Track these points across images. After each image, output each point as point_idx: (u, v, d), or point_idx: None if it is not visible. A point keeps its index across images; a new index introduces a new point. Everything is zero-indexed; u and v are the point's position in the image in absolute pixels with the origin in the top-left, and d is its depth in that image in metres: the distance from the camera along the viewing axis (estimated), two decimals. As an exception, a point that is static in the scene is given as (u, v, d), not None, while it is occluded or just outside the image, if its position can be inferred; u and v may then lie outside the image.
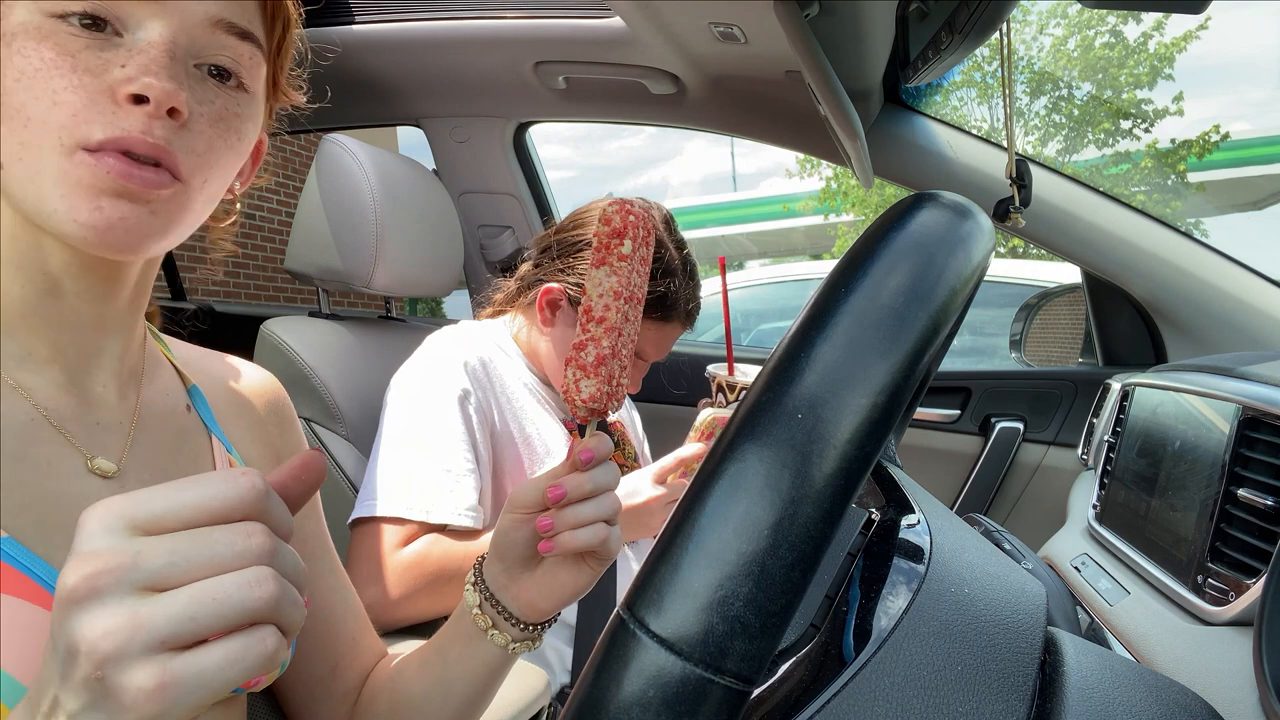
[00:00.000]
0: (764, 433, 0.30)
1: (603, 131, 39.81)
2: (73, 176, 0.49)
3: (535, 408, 1.21)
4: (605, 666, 0.29)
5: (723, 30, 1.37)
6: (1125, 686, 0.39)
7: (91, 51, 0.49)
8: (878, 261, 0.34)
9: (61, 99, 0.48)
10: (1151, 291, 1.57)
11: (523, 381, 1.22)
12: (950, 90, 11.44)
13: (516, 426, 1.17)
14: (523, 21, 1.60)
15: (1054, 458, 1.73)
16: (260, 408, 0.73)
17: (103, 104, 0.49)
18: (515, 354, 1.24)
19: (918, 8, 1.22)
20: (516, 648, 0.67)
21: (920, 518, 0.49)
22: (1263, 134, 12.12)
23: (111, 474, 0.56)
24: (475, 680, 0.68)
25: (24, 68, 0.48)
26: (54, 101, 0.48)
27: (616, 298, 0.61)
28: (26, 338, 0.54)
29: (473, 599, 0.66)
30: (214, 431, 0.66)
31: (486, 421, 1.13)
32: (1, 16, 0.49)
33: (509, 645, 0.66)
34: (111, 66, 0.49)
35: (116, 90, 0.49)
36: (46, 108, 0.48)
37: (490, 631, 0.66)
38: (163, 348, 0.68)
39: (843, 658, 0.39)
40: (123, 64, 0.49)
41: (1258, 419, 0.77)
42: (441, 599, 1.04)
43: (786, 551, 0.28)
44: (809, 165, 13.76)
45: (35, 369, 0.54)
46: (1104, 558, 1.04)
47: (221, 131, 0.54)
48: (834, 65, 1.12)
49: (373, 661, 0.77)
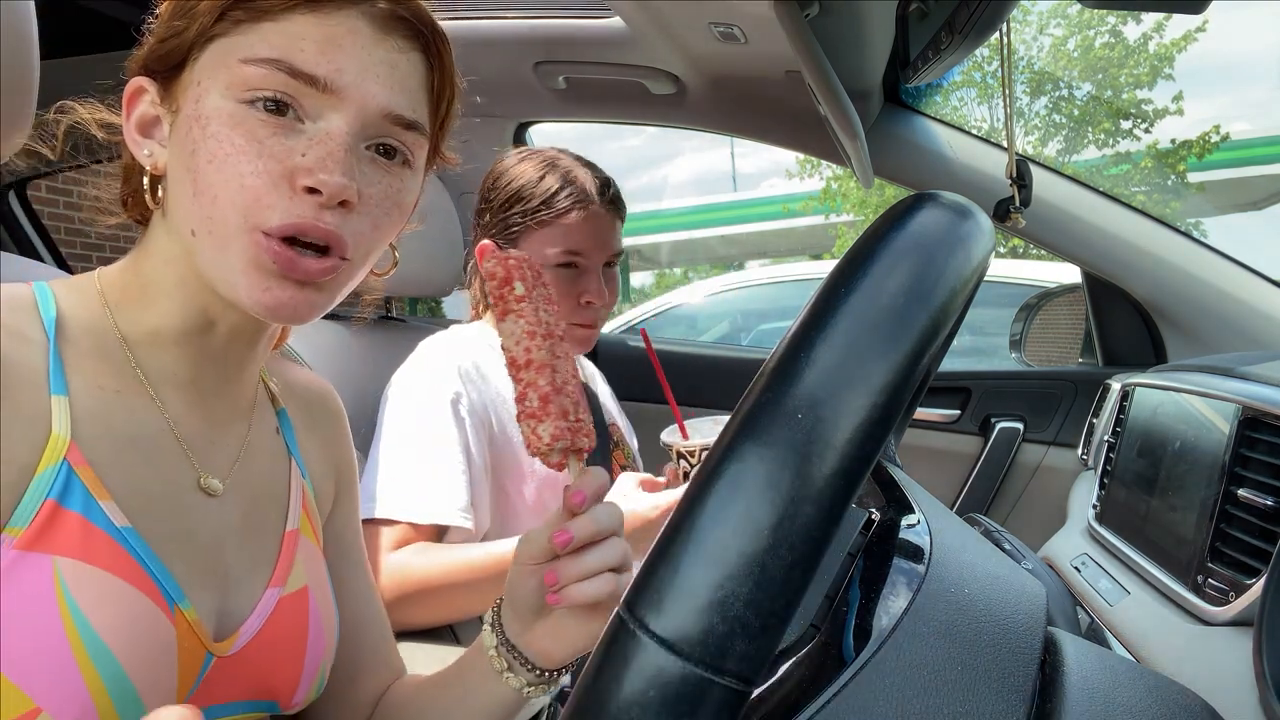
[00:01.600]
0: (764, 433, 0.30)
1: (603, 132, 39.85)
2: (250, 255, 0.53)
3: None
4: (605, 666, 0.29)
5: (723, 30, 1.37)
6: (1125, 686, 0.39)
7: (277, 139, 0.54)
8: (878, 261, 0.34)
9: (247, 183, 0.53)
10: (1151, 291, 1.57)
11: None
12: (950, 90, 11.44)
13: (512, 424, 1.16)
14: (523, 21, 1.60)
15: (1054, 458, 1.73)
16: (322, 418, 0.76)
17: (282, 190, 0.53)
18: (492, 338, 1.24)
19: (918, 8, 1.22)
20: (531, 691, 0.66)
21: (920, 518, 0.49)
22: (1263, 134, 12.12)
23: (217, 493, 0.61)
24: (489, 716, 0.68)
25: (215, 151, 0.53)
26: (241, 185, 0.53)
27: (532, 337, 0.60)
28: (173, 360, 0.59)
29: (490, 640, 0.66)
30: (294, 456, 0.71)
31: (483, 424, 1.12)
32: (196, 100, 0.54)
33: (523, 689, 0.65)
34: (294, 154, 0.53)
35: (295, 179, 0.53)
36: (235, 190, 0.53)
37: (505, 674, 0.65)
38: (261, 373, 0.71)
39: (843, 658, 0.40)
40: (303, 153, 0.54)
41: (1258, 419, 0.77)
42: (427, 610, 1.03)
43: (786, 551, 0.28)
44: (809, 165, 13.76)
45: (174, 388, 0.59)
46: (1104, 558, 1.04)
47: (387, 209, 0.58)
48: (834, 65, 1.12)
49: (390, 678, 0.77)
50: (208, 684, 0.57)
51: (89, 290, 0.59)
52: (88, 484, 0.52)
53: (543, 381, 0.59)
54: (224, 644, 0.58)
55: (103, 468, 0.53)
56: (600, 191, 1.21)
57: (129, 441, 0.56)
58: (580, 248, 1.19)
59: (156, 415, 0.58)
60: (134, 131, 0.58)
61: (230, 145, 0.53)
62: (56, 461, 0.51)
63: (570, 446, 0.60)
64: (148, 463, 0.56)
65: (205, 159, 0.53)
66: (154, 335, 0.58)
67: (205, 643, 0.56)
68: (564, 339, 0.62)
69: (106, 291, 0.59)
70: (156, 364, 0.58)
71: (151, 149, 0.57)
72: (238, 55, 0.53)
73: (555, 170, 1.21)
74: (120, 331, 0.58)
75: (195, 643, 0.55)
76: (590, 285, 1.20)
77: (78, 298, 0.58)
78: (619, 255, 1.25)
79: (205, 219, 0.54)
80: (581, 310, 1.20)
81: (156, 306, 0.58)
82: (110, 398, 0.56)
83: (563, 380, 0.60)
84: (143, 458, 0.56)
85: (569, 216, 1.18)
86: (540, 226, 1.19)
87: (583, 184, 1.20)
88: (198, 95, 0.54)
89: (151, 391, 0.58)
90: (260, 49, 0.53)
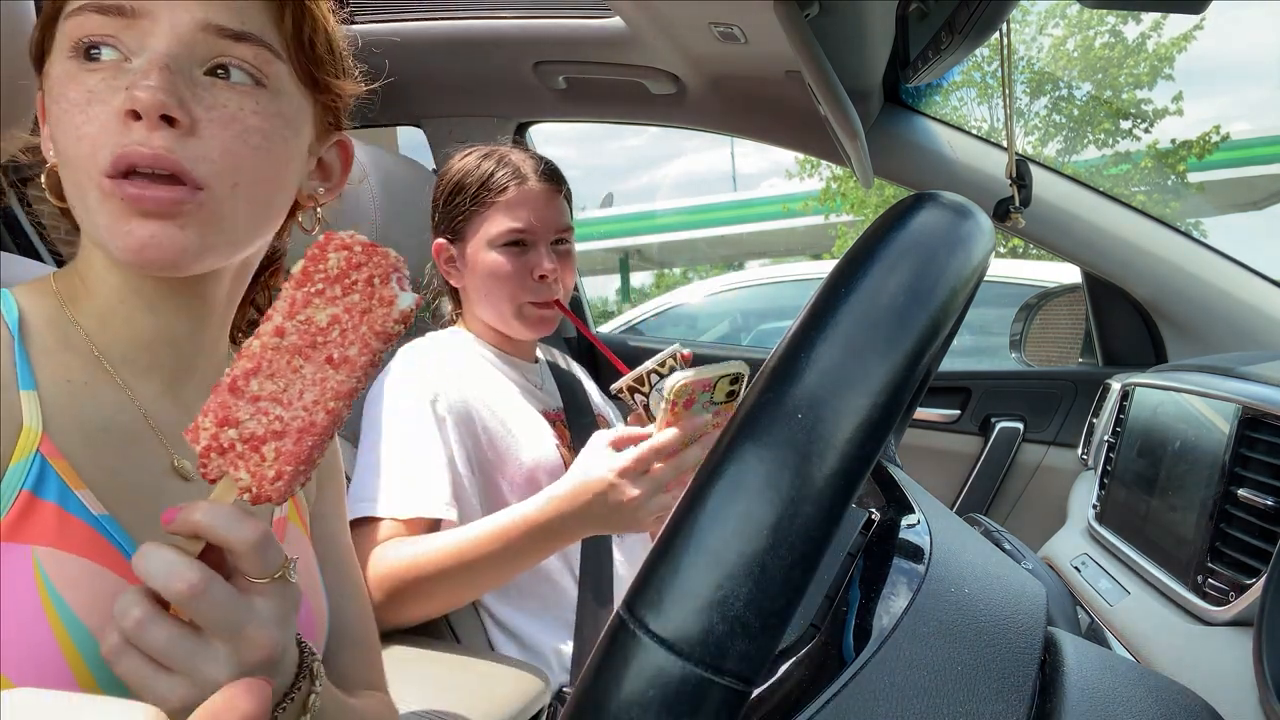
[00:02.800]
0: (764, 433, 0.30)
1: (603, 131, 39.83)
2: (105, 206, 0.52)
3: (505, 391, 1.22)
4: (605, 666, 0.29)
5: (723, 30, 1.37)
6: (1125, 686, 0.39)
7: (105, 83, 0.52)
8: (878, 261, 0.34)
9: (84, 133, 0.52)
10: (1151, 291, 1.57)
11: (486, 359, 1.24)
12: (950, 90, 11.43)
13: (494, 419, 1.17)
14: (523, 21, 1.60)
15: (1054, 458, 1.73)
16: None
17: (112, 129, 0.51)
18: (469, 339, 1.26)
19: (918, 8, 1.22)
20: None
21: (920, 518, 0.49)
22: (1263, 134, 12.11)
23: (191, 476, 0.60)
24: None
25: (60, 115, 0.53)
26: (79, 137, 0.52)
27: (267, 319, 0.48)
28: (130, 348, 0.59)
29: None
30: None
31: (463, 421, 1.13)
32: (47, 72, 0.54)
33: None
34: (118, 92, 0.52)
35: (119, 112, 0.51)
36: (74, 144, 0.52)
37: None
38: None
39: (843, 658, 0.40)
40: (126, 86, 0.51)
41: (1258, 419, 0.77)
42: (421, 602, 1.02)
43: (786, 551, 0.28)
44: (809, 165, 13.75)
45: (139, 374, 0.60)
46: (1104, 558, 1.04)
47: (238, 132, 0.54)
48: (834, 65, 1.12)
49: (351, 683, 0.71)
50: None
51: (46, 290, 0.59)
52: (63, 474, 0.52)
53: (230, 372, 0.47)
54: None
55: (77, 458, 0.53)
56: (534, 168, 1.23)
57: (102, 430, 0.56)
58: (523, 223, 1.20)
59: (127, 402, 0.58)
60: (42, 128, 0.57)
61: (66, 103, 0.52)
62: (29, 454, 0.51)
63: (218, 466, 0.46)
64: (121, 450, 0.57)
65: (55, 125, 0.53)
66: (104, 323, 0.59)
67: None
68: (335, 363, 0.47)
69: (61, 289, 0.59)
70: (117, 352, 0.59)
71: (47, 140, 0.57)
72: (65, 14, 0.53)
73: (490, 157, 1.24)
74: (80, 325, 0.58)
75: None
76: (538, 260, 1.21)
77: (37, 298, 0.58)
78: (569, 231, 1.26)
79: (70, 184, 0.54)
80: (536, 287, 1.21)
81: (100, 294, 0.59)
82: (79, 389, 0.56)
83: (266, 391, 0.47)
84: (116, 445, 0.56)
85: (506, 194, 1.20)
86: (482, 209, 1.21)
87: (517, 163, 1.23)
88: (48, 67, 0.55)
89: (119, 380, 0.58)
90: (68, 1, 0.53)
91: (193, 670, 0.43)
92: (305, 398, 0.46)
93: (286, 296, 0.48)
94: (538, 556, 1.04)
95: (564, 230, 1.25)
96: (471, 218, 1.22)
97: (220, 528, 0.44)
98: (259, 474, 0.46)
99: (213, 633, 0.43)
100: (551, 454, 1.20)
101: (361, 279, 0.47)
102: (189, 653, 0.43)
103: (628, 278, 15.63)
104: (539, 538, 0.99)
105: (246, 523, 0.44)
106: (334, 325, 0.47)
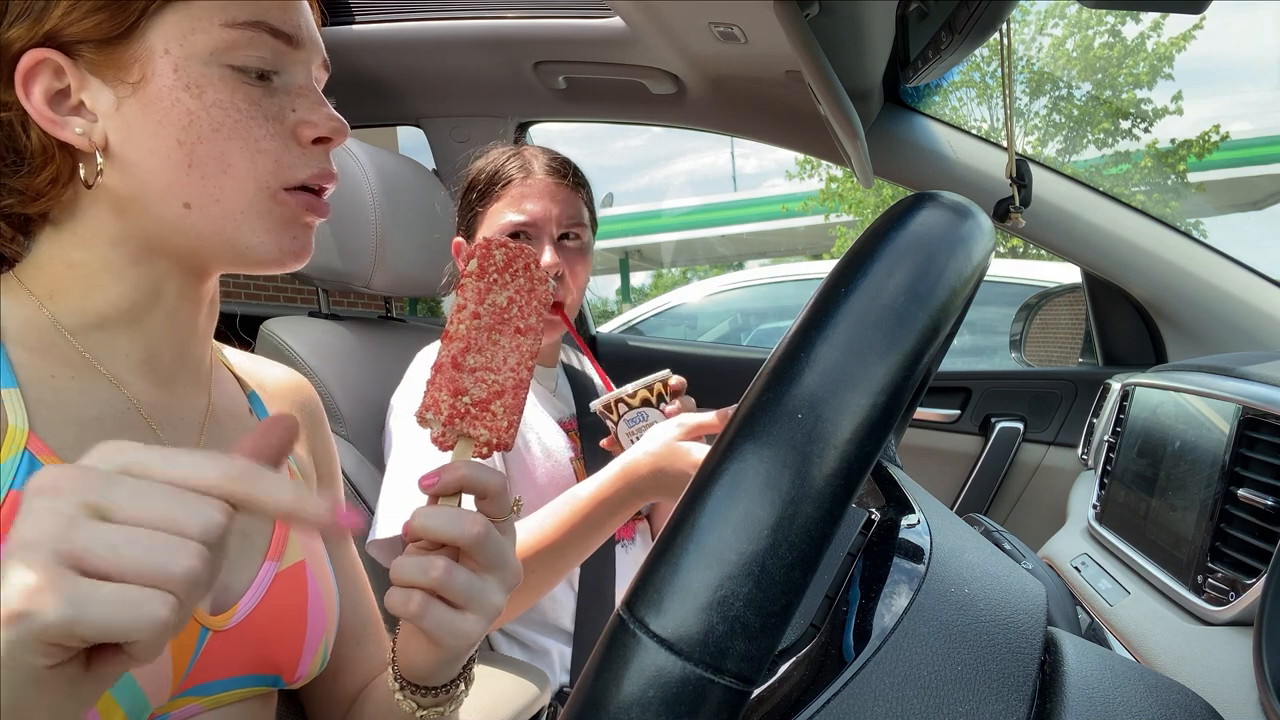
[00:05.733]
0: (764, 433, 0.30)
1: (605, 131, 39.83)
2: (276, 214, 0.58)
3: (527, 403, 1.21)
4: (605, 666, 0.29)
5: (723, 30, 1.37)
6: (1125, 686, 0.39)
7: (268, 100, 0.57)
8: (878, 261, 0.34)
9: (263, 147, 0.57)
10: (1151, 291, 1.57)
11: None
12: (950, 90, 11.44)
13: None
14: (523, 21, 1.60)
15: (1054, 458, 1.73)
16: (297, 410, 0.76)
17: (293, 147, 0.58)
18: None
19: (918, 8, 1.22)
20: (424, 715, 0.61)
21: (920, 518, 0.49)
22: (1263, 134, 12.10)
23: None
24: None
25: (222, 120, 0.55)
26: (257, 150, 0.56)
27: (460, 310, 0.57)
28: (127, 341, 0.60)
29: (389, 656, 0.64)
30: None
31: None
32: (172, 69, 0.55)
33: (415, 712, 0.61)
34: (285, 111, 0.58)
35: (300, 134, 0.58)
36: (251, 156, 0.56)
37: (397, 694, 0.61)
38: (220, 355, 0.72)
39: (843, 658, 0.39)
40: (292, 109, 0.58)
41: (1258, 419, 0.77)
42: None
43: (786, 551, 0.28)
44: (809, 165, 13.76)
45: (130, 367, 0.60)
46: (1104, 558, 1.04)
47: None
48: (834, 65, 1.12)
49: (373, 672, 0.76)
50: (206, 657, 0.57)
51: (15, 289, 0.58)
52: None
53: (447, 352, 0.56)
54: (220, 618, 0.58)
55: (68, 453, 0.53)
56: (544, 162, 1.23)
57: (93, 424, 0.56)
58: (527, 214, 1.19)
59: (117, 395, 0.59)
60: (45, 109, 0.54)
61: (236, 112, 0.55)
62: (17, 452, 0.52)
63: (459, 429, 0.55)
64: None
65: (209, 128, 0.55)
66: (103, 320, 0.58)
67: (198, 617, 0.57)
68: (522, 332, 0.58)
69: (34, 287, 0.58)
70: (109, 348, 0.59)
71: (84, 126, 0.55)
72: (217, 20, 0.55)
73: (504, 154, 1.25)
74: (61, 322, 0.58)
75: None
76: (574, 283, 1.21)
77: (8, 298, 0.58)
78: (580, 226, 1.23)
79: (213, 188, 0.56)
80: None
81: (103, 292, 0.58)
82: (64, 385, 0.56)
83: (479, 363, 0.56)
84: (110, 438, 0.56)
85: (512, 186, 1.20)
86: (491, 203, 1.21)
87: (527, 158, 1.23)
88: (173, 64, 0.54)
89: (107, 373, 0.59)
90: (236, 12, 0.55)
91: (485, 604, 0.52)
92: (509, 361, 0.57)
93: (472, 288, 0.57)
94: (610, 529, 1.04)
95: (573, 224, 1.22)
96: (481, 213, 1.22)
97: (482, 477, 0.53)
98: (495, 427, 0.56)
99: (489, 568, 0.52)
100: (565, 470, 1.19)
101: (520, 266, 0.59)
102: (480, 589, 0.52)
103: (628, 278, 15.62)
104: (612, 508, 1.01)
105: (492, 472, 0.54)
106: (512, 304, 0.58)
